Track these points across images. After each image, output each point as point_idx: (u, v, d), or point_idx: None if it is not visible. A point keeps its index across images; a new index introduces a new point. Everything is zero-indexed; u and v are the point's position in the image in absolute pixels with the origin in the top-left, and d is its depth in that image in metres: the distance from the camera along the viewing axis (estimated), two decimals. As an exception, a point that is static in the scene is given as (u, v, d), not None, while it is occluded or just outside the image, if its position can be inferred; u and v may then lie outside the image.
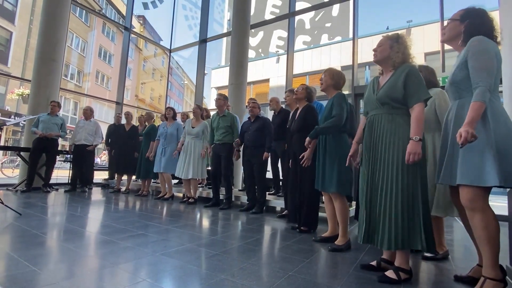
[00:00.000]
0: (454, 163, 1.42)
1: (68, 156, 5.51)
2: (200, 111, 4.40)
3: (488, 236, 1.31)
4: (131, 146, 5.22)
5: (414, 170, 1.54)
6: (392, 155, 1.58)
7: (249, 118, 3.86)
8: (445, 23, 1.61)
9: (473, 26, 1.46)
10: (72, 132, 5.31)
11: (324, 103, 3.16)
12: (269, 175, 4.01)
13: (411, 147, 1.49)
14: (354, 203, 3.46)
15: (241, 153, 3.97)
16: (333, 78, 2.35)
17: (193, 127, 4.29)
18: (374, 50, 1.75)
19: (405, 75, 1.59)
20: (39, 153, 4.72)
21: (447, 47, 1.84)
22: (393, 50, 1.67)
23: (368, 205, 1.65)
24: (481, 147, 1.32)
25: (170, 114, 4.70)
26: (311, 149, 2.49)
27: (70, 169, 5.25)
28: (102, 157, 13.35)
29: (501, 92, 2.07)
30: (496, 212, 1.38)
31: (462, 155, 1.38)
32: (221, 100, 4.03)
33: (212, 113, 5.22)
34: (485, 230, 1.31)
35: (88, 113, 5.21)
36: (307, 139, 2.41)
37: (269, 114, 4.35)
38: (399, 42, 1.67)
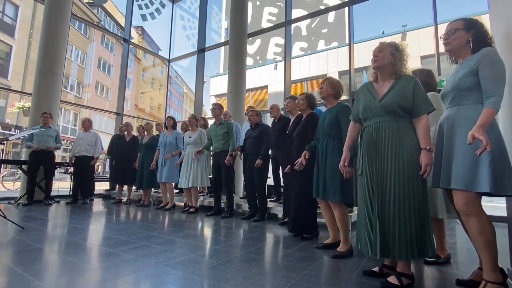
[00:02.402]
0: (450, 168, 1.46)
1: (68, 167, 5.52)
2: (196, 121, 4.46)
3: (485, 240, 1.33)
4: (131, 157, 5.24)
5: (422, 179, 1.55)
6: (401, 163, 1.55)
7: (251, 126, 3.90)
8: (443, 30, 1.63)
9: (481, 35, 1.49)
10: (72, 144, 5.32)
11: (322, 108, 3.20)
12: (270, 182, 4.02)
13: (427, 158, 1.51)
14: (356, 208, 3.48)
15: (241, 160, 4.00)
16: (334, 88, 2.38)
17: (190, 137, 4.34)
18: (375, 55, 1.72)
19: (414, 86, 1.61)
20: (37, 166, 4.72)
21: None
22: (395, 58, 1.67)
23: (380, 217, 1.57)
24: (478, 153, 1.32)
25: (170, 123, 4.74)
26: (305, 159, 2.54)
27: (71, 181, 5.27)
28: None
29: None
30: (496, 213, 1.41)
31: (457, 160, 1.41)
32: (217, 109, 4.09)
33: (210, 122, 5.27)
34: (481, 235, 1.34)
35: (87, 125, 5.24)
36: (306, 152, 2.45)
37: (269, 121, 4.39)
38: (399, 50, 1.69)
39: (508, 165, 1.33)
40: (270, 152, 3.83)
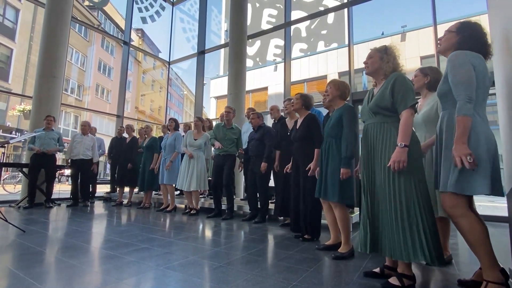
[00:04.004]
0: (439, 171, 1.51)
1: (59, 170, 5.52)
2: (202, 123, 4.44)
3: (474, 240, 1.36)
4: (130, 158, 5.24)
5: (408, 177, 1.53)
6: (384, 164, 1.60)
7: (253, 128, 3.90)
8: (442, 30, 1.66)
9: (468, 39, 1.50)
10: (68, 145, 5.26)
11: (322, 110, 3.20)
12: (270, 183, 4.01)
13: (395, 154, 1.51)
14: (356, 209, 3.47)
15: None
16: (339, 89, 2.39)
17: (195, 139, 4.32)
18: (365, 62, 1.80)
19: (392, 84, 1.64)
20: (38, 169, 4.71)
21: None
22: (383, 61, 1.72)
23: (370, 214, 1.67)
24: (451, 157, 1.40)
25: (172, 126, 4.75)
26: (316, 160, 2.53)
27: (72, 183, 5.27)
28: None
29: (494, 94, 2.10)
30: (498, 213, 1.42)
31: (442, 164, 1.47)
32: (231, 113, 4.10)
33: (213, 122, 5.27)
34: (470, 234, 1.37)
35: (86, 128, 5.24)
36: (344, 170, 2.20)
37: (269, 122, 4.39)
38: (388, 53, 1.73)
39: (481, 168, 1.34)
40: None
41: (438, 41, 1.63)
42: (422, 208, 1.50)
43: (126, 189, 5.49)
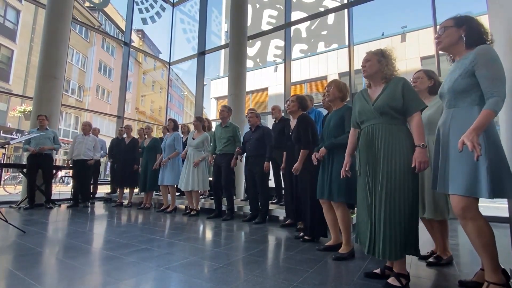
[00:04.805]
0: (447, 172, 1.44)
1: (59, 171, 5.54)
2: (200, 123, 4.44)
3: (483, 243, 1.33)
4: (131, 159, 5.25)
5: (412, 180, 1.58)
6: (391, 167, 1.59)
7: (250, 128, 3.90)
8: (437, 30, 1.63)
9: (473, 30, 1.46)
10: (69, 147, 5.28)
11: (322, 110, 3.20)
12: (270, 183, 4.01)
13: (419, 155, 1.52)
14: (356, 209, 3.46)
15: (242, 162, 3.99)
16: (341, 91, 2.39)
17: (194, 139, 4.32)
18: (363, 66, 1.80)
19: (402, 87, 1.65)
20: (35, 170, 4.70)
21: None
22: (381, 64, 1.73)
23: (372, 216, 1.64)
24: (474, 158, 1.29)
25: (170, 126, 4.76)
26: (301, 162, 2.57)
27: (72, 184, 5.28)
28: None
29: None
30: (499, 214, 1.39)
31: (455, 165, 1.39)
32: (225, 111, 4.09)
33: (213, 123, 5.28)
34: (479, 238, 1.33)
35: (87, 129, 5.25)
36: (323, 149, 2.32)
37: (269, 122, 4.39)
38: (385, 56, 1.75)
39: (507, 169, 1.31)
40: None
41: (437, 39, 1.58)
42: (415, 210, 1.59)
43: (126, 190, 5.49)
